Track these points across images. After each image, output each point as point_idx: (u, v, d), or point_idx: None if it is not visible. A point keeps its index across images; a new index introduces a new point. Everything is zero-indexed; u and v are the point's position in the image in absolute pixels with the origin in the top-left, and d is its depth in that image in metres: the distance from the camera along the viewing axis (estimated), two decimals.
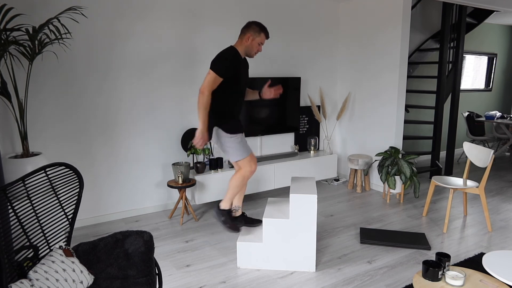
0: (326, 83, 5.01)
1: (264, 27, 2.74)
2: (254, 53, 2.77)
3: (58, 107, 3.33)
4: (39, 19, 3.12)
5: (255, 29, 2.70)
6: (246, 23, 2.74)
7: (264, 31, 2.73)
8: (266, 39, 2.79)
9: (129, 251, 1.91)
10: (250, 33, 2.70)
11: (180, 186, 3.56)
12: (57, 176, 1.98)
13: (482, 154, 3.41)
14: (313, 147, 4.78)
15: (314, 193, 2.64)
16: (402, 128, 4.44)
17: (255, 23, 2.73)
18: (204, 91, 2.58)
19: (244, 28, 2.73)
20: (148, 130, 3.78)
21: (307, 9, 4.63)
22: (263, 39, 2.74)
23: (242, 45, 2.73)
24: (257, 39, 2.72)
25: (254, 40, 2.71)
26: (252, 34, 2.70)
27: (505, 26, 7.01)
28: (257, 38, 2.72)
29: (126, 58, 3.56)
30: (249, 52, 2.75)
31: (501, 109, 7.43)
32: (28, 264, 1.79)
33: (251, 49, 2.74)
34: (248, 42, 2.71)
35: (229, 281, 2.62)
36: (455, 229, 3.49)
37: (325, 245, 3.18)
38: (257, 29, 2.70)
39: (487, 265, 2.12)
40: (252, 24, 2.72)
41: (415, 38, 5.43)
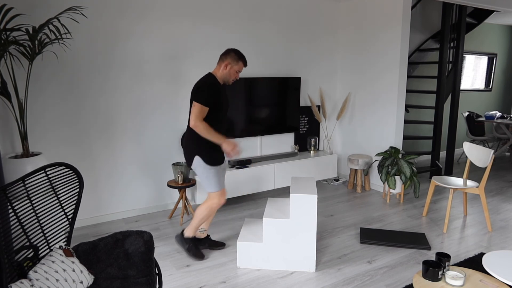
0: (326, 83, 5.01)
1: (242, 55, 2.75)
2: (231, 80, 2.78)
3: (58, 107, 3.33)
4: (39, 19, 3.12)
5: (234, 57, 2.71)
6: (225, 50, 2.75)
7: (242, 59, 2.74)
8: (244, 67, 2.79)
9: (129, 251, 1.91)
10: (229, 61, 2.71)
11: (180, 186, 3.56)
12: (57, 176, 1.98)
13: (482, 154, 3.41)
14: (313, 147, 4.79)
15: (314, 193, 2.64)
16: (402, 128, 4.44)
17: (234, 50, 2.74)
18: (195, 124, 2.59)
19: (223, 55, 2.74)
20: (148, 129, 3.78)
21: (307, 9, 4.64)
22: (241, 67, 2.76)
23: (220, 72, 2.74)
24: (235, 67, 2.73)
25: (232, 68, 2.73)
26: (231, 62, 2.71)
27: (505, 26, 7.01)
28: (235, 66, 2.73)
29: (126, 58, 3.56)
30: (226, 79, 2.77)
31: (501, 109, 7.43)
32: (28, 264, 1.79)
33: (228, 77, 2.76)
34: (227, 70, 2.73)
35: (229, 281, 2.62)
36: (455, 229, 3.49)
37: (325, 245, 3.18)
38: (235, 57, 2.72)
39: (487, 265, 2.12)
40: (231, 51, 2.73)
41: (415, 38, 5.43)
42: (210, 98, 2.62)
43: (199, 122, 2.59)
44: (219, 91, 2.70)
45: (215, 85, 2.69)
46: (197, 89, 2.64)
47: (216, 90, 2.68)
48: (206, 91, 2.61)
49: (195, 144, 2.72)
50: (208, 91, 2.62)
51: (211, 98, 2.63)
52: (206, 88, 2.63)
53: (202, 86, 2.64)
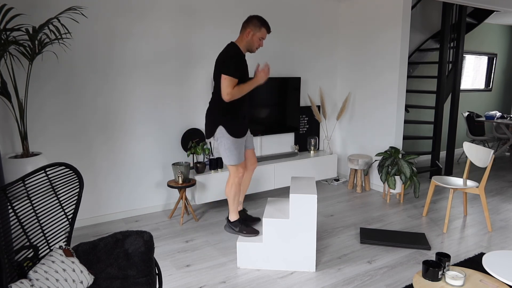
0: (326, 83, 5.01)
1: (265, 21, 2.69)
2: (255, 48, 2.73)
3: (58, 107, 3.33)
4: (39, 19, 3.12)
5: (256, 24, 2.66)
6: (247, 18, 2.70)
7: (265, 26, 2.68)
8: (267, 34, 2.74)
9: (129, 251, 1.91)
10: (251, 28, 2.66)
11: (180, 186, 3.56)
12: (57, 176, 1.98)
13: (482, 154, 3.41)
14: (313, 147, 4.78)
15: (314, 193, 2.64)
16: (402, 128, 4.44)
17: (256, 17, 2.67)
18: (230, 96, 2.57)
19: (245, 23, 2.69)
20: (148, 130, 3.78)
21: (307, 9, 4.63)
22: (264, 34, 2.69)
23: (243, 41, 2.69)
24: (258, 34, 2.67)
25: (255, 35, 2.67)
26: (253, 29, 2.66)
27: (505, 26, 7.01)
28: (258, 33, 2.67)
29: (126, 58, 3.56)
30: (250, 47, 2.72)
31: (501, 109, 7.43)
32: (28, 264, 1.79)
33: (252, 45, 2.71)
34: (249, 37, 2.67)
35: (229, 281, 2.62)
36: (455, 229, 3.49)
37: (325, 245, 3.18)
38: (257, 23, 2.66)
39: (487, 265, 2.12)
40: (252, 18, 2.67)
41: (415, 38, 5.43)
42: (237, 69, 2.60)
43: (231, 91, 2.57)
44: (243, 62, 2.67)
45: (240, 55, 2.65)
46: (223, 62, 2.61)
47: (241, 60, 2.64)
48: (233, 62, 2.59)
49: (220, 115, 2.70)
50: (235, 62, 2.59)
51: (238, 69, 2.61)
52: (232, 59, 2.60)
53: (228, 59, 2.61)
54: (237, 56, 2.63)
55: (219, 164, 3.97)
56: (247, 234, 2.85)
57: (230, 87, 2.56)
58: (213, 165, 3.93)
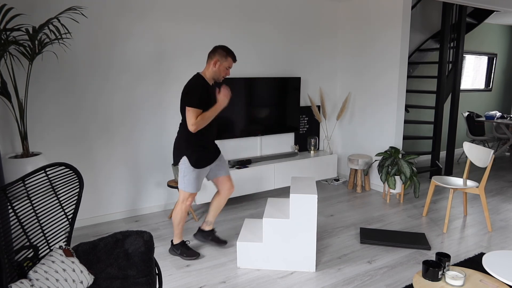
0: (326, 83, 5.01)
1: (230, 50, 2.73)
2: (222, 77, 2.77)
3: (58, 107, 3.33)
4: (39, 19, 3.12)
5: (222, 54, 2.70)
6: (212, 48, 2.74)
7: (230, 55, 2.72)
8: (233, 63, 2.79)
9: (129, 251, 1.91)
10: (217, 58, 2.70)
11: None
12: (57, 176, 1.98)
13: (482, 154, 3.41)
14: (313, 147, 4.78)
15: (314, 193, 2.64)
16: (402, 128, 4.44)
17: (221, 47, 2.72)
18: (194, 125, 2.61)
19: (211, 53, 2.73)
20: (148, 129, 3.78)
21: (307, 9, 4.63)
22: (230, 63, 2.74)
23: (209, 71, 2.74)
24: (224, 63, 2.72)
25: (221, 65, 2.72)
26: (219, 59, 2.70)
27: (505, 26, 7.01)
28: (224, 63, 2.71)
29: (126, 58, 3.56)
30: (216, 77, 2.76)
31: (501, 109, 7.43)
32: (28, 264, 1.79)
33: (218, 74, 2.75)
34: (216, 67, 2.72)
35: (229, 281, 2.62)
36: (455, 229, 3.49)
37: (325, 245, 3.18)
38: (223, 53, 2.70)
39: (487, 265, 2.12)
40: (218, 48, 2.71)
41: (415, 38, 5.43)
42: (201, 100, 2.64)
43: (195, 121, 2.61)
44: (208, 92, 2.71)
45: (204, 87, 2.69)
46: (186, 93, 2.65)
47: (205, 91, 2.68)
48: (196, 94, 2.63)
49: (185, 145, 2.74)
50: (198, 94, 2.63)
51: (202, 100, 2.64)
52: (195, 91, 2.64)
53: (192, 90, 2.65)
54: (201, 87, 2.67)
55: None
56: (187, 257, 2.93)
57: (194, 118, 2.60)
58: None
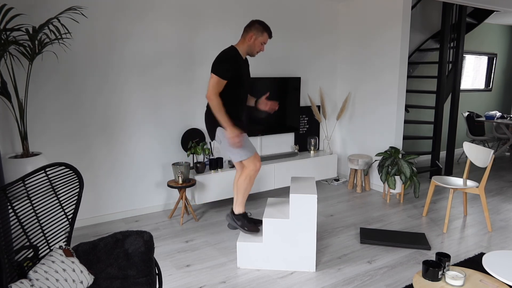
0: (326, 83, 5.01)
1: (267, 26, 2.71)
2: (256, 52, 2.75)
3: (58, 107, 3.33)
4: (39, 19, 3.12)
5: (258, 28, 2.68)
6: (249, 22, 2.72)
7: (267, 31, 2.70)
8: (269, 39, 2.77)
9: (129, 251, 1.91)
10: (253, 32, 2.68)
11: (180, 186, 3.56)
12: (57, 176, 1.98)
13: (482, 154, 3.41)
14: (313, 147, 4.78)
15: (314, 193, 2.64)
16: (402, 128, 4.44)
17: (258, 22, 2.69)
18: (210, 96, 2.55)
19: (247, 27, 2.70)
20: (148, 130, 3.78)
21: (307, 9, 4.63)
22: (266, 38, 2.72)
23: (244, 44, 2.71)
24: (260, 38, 2.69)
25: (256, 40, 2.69)
26: (255, 33, 2.68)
27: (505, 26, 7.01)
28: (260, 38, 2.69)
29: (126, 58, 3.56)
30: (251, 51, 2.73)
31: (501, 109, 7.43)
32: (28, 264, 1.79)
33: (253, 49, 2.72)
34: (251, 42, 2.69)
35: (229, 281, 2.62)
36: (455, 229, 3.49)
37: (325, 245, 3.18)
38: (260, 28, 2.68)
39: (487, 265, 2.12)
40: (255, 23, 2.69)
41: (415, 38, 5.43)
42: (228, 71, 2.58)
43: (214, 96, 2.55)
44: (240, 66, 2.65)
45: (236, 59, 2.64)
46: (218, 61, 2.61)
47: (237, 64, 2.63)
48: (226, 63, 2.58)
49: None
50: (228, 64, 2.58)
51: (230, 72, 2.59)
52: (226, 60, 2.60)
53: (223, 59, 2.60)
54: (232, 59, 2.63)
55: (219, 164, 3.97)
56: (248, 231, 2.82)
57: (216, 89, 2.55)
58: (213, 165, 3.93)
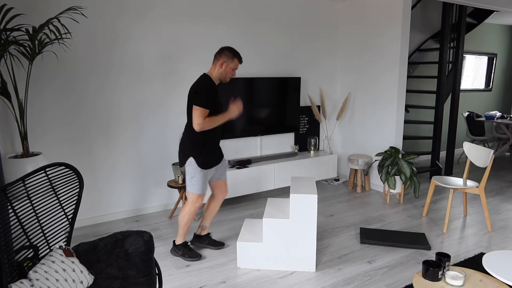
0: (326, 83, 5.01)
1: (236, 52, 2.75)
2: (228, 78, 2.79)
3: (58, 107, 3.33)
4: (39, 19, 3.12)
5: (228, 55, 2.72)
6: (219, 49, 2.76)
7: (237, 57, 2.75)
8: (239, 64, 2.80)
9: (129, 251, 1.91)
10: (224, 59, 2.72)
11: (180, 186, 3.56)
12: (57, 176, 1.98)
13: (482, 154, 3.41)
14: (313, 147, 4.78)
15: (314, 193, 2.64)
16: (402, 128, 4.44)
17: (228, 48, 2.74)
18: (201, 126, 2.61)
19: (217, 54, 2.75)
20: (148, 129, 3.78)
21: (307, 9, 4.63)
22: (236, 64, 2.76)
23: (216, 71, 2.75)
24: (231, 64, 2.73)
25: (228, 66, 2.73)
26: (226, 60, 2.72)
27: (505, 26, 7.01)
28: (231, 64, 2.73)
29: (126, 58, 3.56)
30: (223, 77, 2.77)
31: (501, 109, 7.43)
32: (28, 264, 1.79)
33: (225, 75, 2.76)
34: (222, 68, 2.73)
35: (229, 281, 2.62)
36: (455, 229, 3.49)
37: (325, 245, 3.18)
38: (230, 55, 2.72)
39: (487, 265, 2.12)
40: (224, 50, 2.73)
41: (415, 38, 5.43)
42: (209, 100, 2.65)
43: (202, 122, 2.62)
44: (215, 93, 2.73)
45: (212, 87, 2.71)
46: (195, 93, 2.66)
47: (213, 92, 2.70)
48: (204, 94, 2.64)
49: (190, 147, 2.75)
50: (206, 94, 2.64)
51: (210, 100, 2.66)
52: (204, 91, 2.65)
53: (200, 90, 2.66)
54: (209, 87, 2.69)
55: None
56: (188, 258, 2.92)
57: (201, 118, 2.61)
58: None
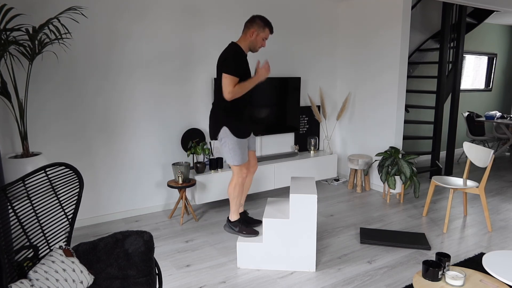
0: (326, 83, 5.01)
1: (268, 21, 2.71)
2: (258, 48, 2.76)
3: (58, 107, 3.33)
4: (39, 19, 3.12)
5: (260, 24, 2.68)
6: (250, 18, 2.71)
7: (268, 26, 2.71)
8: (270, 34, 2.77)
9: (129, 251, 1.90)
10: (255, 28, 2.68)
11: (180, 186, 3.56)
12: (57, 176, 1.98)
13: (482, 154, 3.41)
14: (313, 147, 4.78)
15: (314, 193, 2.64)
16: (402, 128, 4.44)
17: (260, 17, 2.69)
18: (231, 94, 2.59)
19: (248, 23, 2.70)
20: (148, 130, 3.78)
21: (307, 9, 4.63)
22: (267, 34, 2.72)
23: (246, 41, 2.71)
24: (262, 34, 2.70)
25: (258, 36, 2.70)
26: (257, 29, 2.68)
27: (505, 26, 7.01)
28: (262, 33, 2.70)
29: (126, 58, 3.56)
30: (253, 47, 2.74)
31: (501, 109, 7.43)
32: (28, 264, 1.79)
33: (255, 44, 2.73)
34: (253, 37, 2.70)
35: (229, 281, 2.62)
36: (455, 229, 3.49)
37: (325, 245, 3.18)
38: (261, 24, 2.68)
39: (487, 265, 2.12)
40: (256, 18, 2.69)
41: (415, 38, 5.43)
42: (238, 68, 2.61)
43: (232, 90, 2.58)
44: (244, 61, 2.69)
45: (241, 55, 2.67)
46: (225, 60, 2.63)
47: (242, 59, 2.66)
48: (233, 61, 2.61)
49: (223, 116, 2.71)
50: (235, 61, 2.61)
51: (239, 68, 2.62)
52: (233, 58, 2.62)
53: (229, 57, 2.62)
54: (238, 55, 2.65)
55: (219, 164, 3.97)
56: (246, 234, 2.86)
57: (231, 86, 2.58)
58: (213, 165, 3.93)
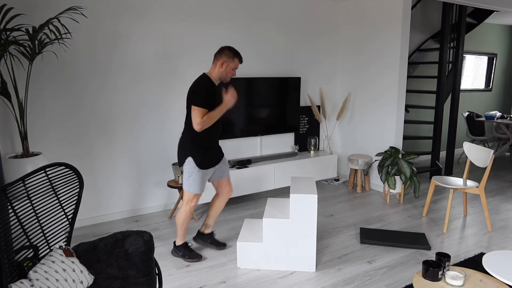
0: (326, 83, 5.01)
1: (237, 52, 2.74)
2: (228, 78, 2.78)
3: (58, 107, 3.33)
4: (39, 19, 3.12)
5: (229, 55, 2.71)
6: (219, 49, 2.75)
7: (237, 56, 2.74)
8: (240, 64, 2.81)
9: (129, 251, 1.91)
10: (224, 59, 2.71)
11: (180, 186, 3.56)
12: (57, 176, 1.98)
13: (482, 154, 3.41)
14: (313, 147, 4.78)
15: (314, 193, 2.64)
16: (402, 128, 4.44)
17: (228, 48, 2.73)
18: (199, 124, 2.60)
19: (218, 54, 2.74)
20: (148, 129, 3.78)
21: (307, 9, 4.63)
22: (237, 64, 2.75)
23: (216, 71, 2.74)
24: (231, 64, 2.73)
25: (228, 66, 2.73)
26: (226, 60, 2.71)
27: (505, 26, 7.01)
28: (231, 64, 2.73)
29: (126, 58, 3.56)
30: (223, 77, 2.77)
31: (501, 109, 7.43)
32: (28, 264, 1.79)
33: (225, 75, 2.76)
34: (222, 68, 2.73)
35: (229, 281, 2.62)
36: (455, 229, 3.49)
37: (325, 245, 3.18)
38: (230, 54, 2.71)
39: (487, 265, 2.12)
40: (225, 49, 2.73)
41: (415, 38, 5.43)
42: (207, 100, 2.64)
43: (201, 121, 2.61)
44: (214, 93, 2.73)
45: (211, 87, 2.71)
46: (193, 92, 2.66)
47: (212, 92, 2.70)
48: (203, 94, 2.64)
49: (190, 146, 2.75)
50: (205, 94, 2.64)
51: (208, 100, 2.65)
52: (202, 91, 2.65)
53: (199, 89, 2.65)
54: (208, 87, 2.68)
55: None
56: (189, 259, 2.91)
57: (200, 117, 2.61)
58: None
